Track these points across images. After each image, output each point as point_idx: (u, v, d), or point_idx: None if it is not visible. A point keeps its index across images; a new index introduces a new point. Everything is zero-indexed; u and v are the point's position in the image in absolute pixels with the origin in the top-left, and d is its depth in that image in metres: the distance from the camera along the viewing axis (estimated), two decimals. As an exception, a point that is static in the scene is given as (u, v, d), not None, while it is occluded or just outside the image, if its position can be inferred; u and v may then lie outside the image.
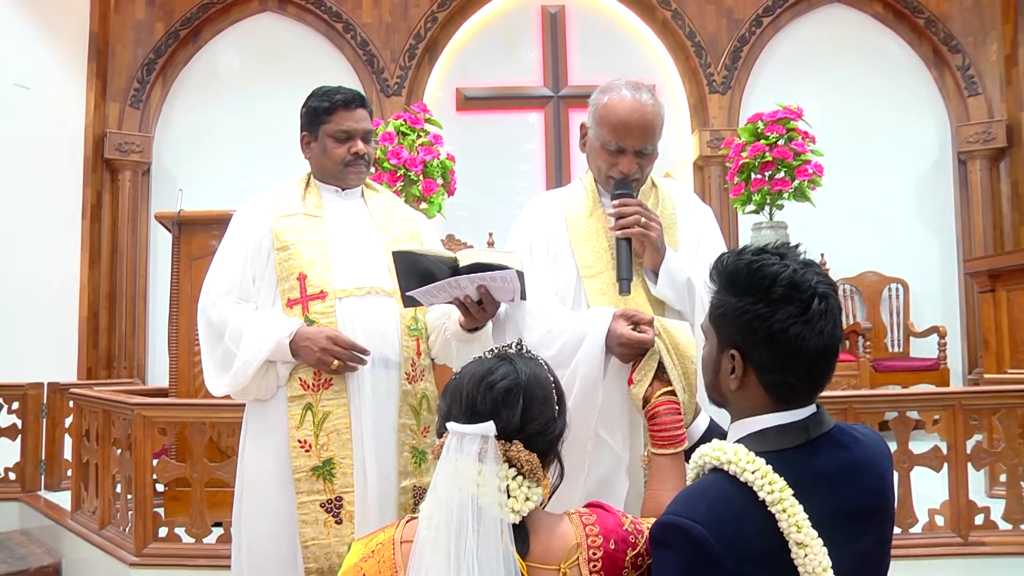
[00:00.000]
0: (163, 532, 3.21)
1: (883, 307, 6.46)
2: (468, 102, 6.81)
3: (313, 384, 1.94)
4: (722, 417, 1.43)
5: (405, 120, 3.87)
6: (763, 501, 1.11)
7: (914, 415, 3.24)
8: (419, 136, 3.84)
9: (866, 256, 6.48)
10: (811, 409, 1.23)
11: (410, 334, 2.03)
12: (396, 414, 1.98)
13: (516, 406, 1.24)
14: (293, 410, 1.94)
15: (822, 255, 6.34)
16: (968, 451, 3.13)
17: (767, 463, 1.14)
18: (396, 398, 1.98)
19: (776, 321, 1.16)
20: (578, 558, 1.21)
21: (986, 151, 6.44)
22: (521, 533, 1.22)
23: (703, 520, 1.10)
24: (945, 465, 3.11)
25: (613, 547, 1.23)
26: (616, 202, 1.87)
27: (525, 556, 1.21)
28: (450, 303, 1.85)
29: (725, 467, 1.16)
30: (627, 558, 1.23)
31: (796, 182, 3.84)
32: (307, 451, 1.92)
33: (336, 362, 1.91)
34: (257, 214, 2.08)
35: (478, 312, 1.81)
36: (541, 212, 2.01)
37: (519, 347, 1.34)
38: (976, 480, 3.25)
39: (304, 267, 1.98)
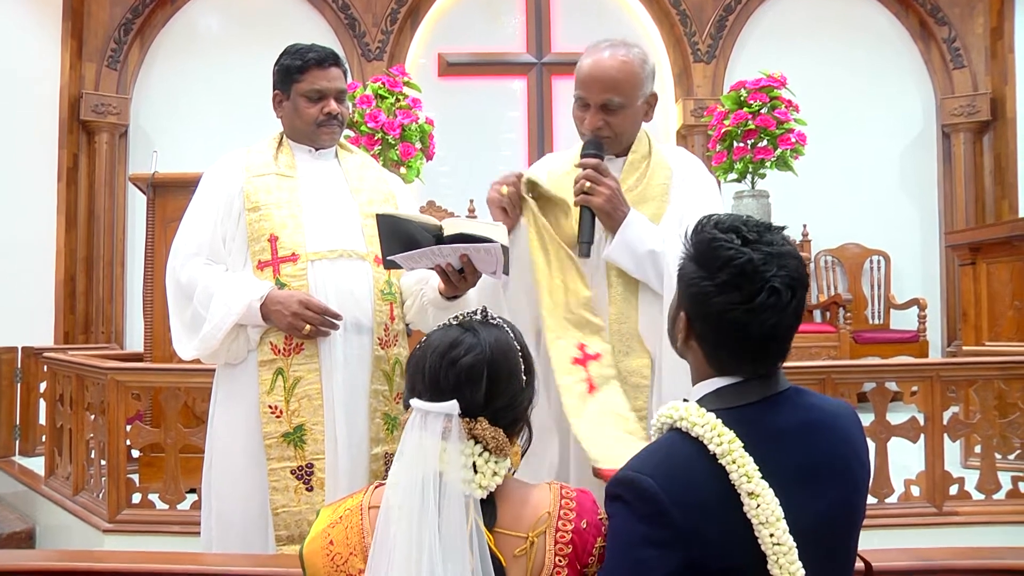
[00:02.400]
0: (137, 498, 3.19)
1: (864, 279, 6.48)
2: (450, 68, 6.72)
3: (284, 349, 1.90)
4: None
5: (383, 83, 3.80)
6: (714, 455, 1.12)
7: (892, 386, 3.26)
8: (397, 100, 3.77)
9: (848, 228, 6.49)
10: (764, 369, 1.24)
11: (383, 298, 1.99)
12: (368, 380, 1.95)
13: (480, 382, 1.20)
14: (263, 375, 1.90)
15: (804, 226, 6.35)
16: (945, 422, 3.16)
17: (720, 418, 1.15)
18: (368, 363, 1.95)
19: (716, 303, 1.17)
20: (546, 528, 1.19)
21: (970, 124, 6.44)
22: (488, 503, 1.20)
23: (653, 473, 1.11)
24: (922, 436, 3.14)
25: (585, 527, 1.20)
26: (578, 163, 1.83)
27: (492, 525, 1.19)
28: (431, 269, 1.81)
29: (678, 424, 1.17)
30: (596, 545, 1.20)
31: (779, 151, 3.82)
32: (278, 417, 1.89)
33: (308, 327, 1.87)
34: (228, 174, 2.03)
35: (459, 281, 1.78)
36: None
37: (484, 314, 1.29)
38: (951, 451, 3.29)
39: (275, 228, 1.94)
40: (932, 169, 6.60)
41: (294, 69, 2.01)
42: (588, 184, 1.78)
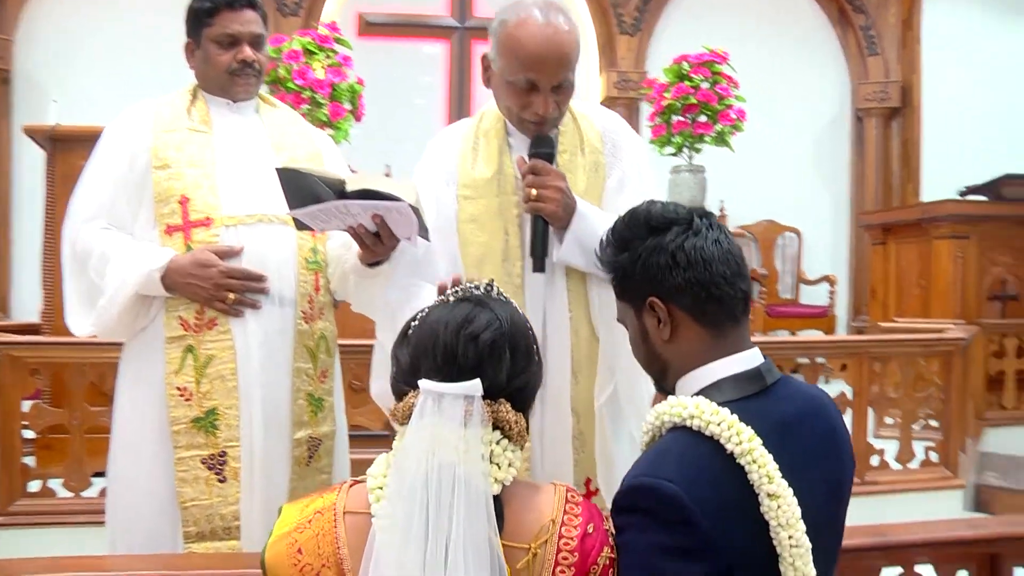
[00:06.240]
0: (35, 486, 2.91)
1: (776, 255, 6.67)
2: (370, 27, 6.47)
3: (195, 324, 1.72)
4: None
5: (313, 38, 3.56)
6: (731, 454, 1.05)
7: (820, 361, 3.35)
8: (328, 56, 3.54)
9: (763, 205, 6.64)
10: (760, 358, 1.19)
11: (308, 267, 1.82)
12: (290, 357, 1.78)
13: (503, 359, 1.06)
14: (171, 353, 1.72)
15: (721, 202, 6.46)
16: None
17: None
18: (291, 339, 1.79)
19: (669, 243, 1.16)
20: (549, 538, 1.06)
21: (881, 110, 6.66)
22: (496, 507, 1.05)
23: (673, 477, 1.02)
24: (848, 410, 3.23)
25: (591, 531, 1.08)
26: (525, 169, 1.64)
27: (500, 533, 1.04)
28: (344, 231, 1.64)
29: (688, 423, 1.08)
30: (601, 556, 1.07)
31: (718, 126, 3.82)
32: (187, 400, 1.71)
33: (232, 296, 1.71)
34: (133, 128, 1.83)
35: (375, 244, 1.61)
36: (437, 163, 1.76)
37: (489, 288, 1.16)
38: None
39: (187, 189, 1.76)
40: (845, 151, 6.81)
41: (203, 12, 1.82)
42: (535, 191, 1.60)
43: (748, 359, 1.17)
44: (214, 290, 1.70)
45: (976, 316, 4.47)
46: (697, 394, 1.13)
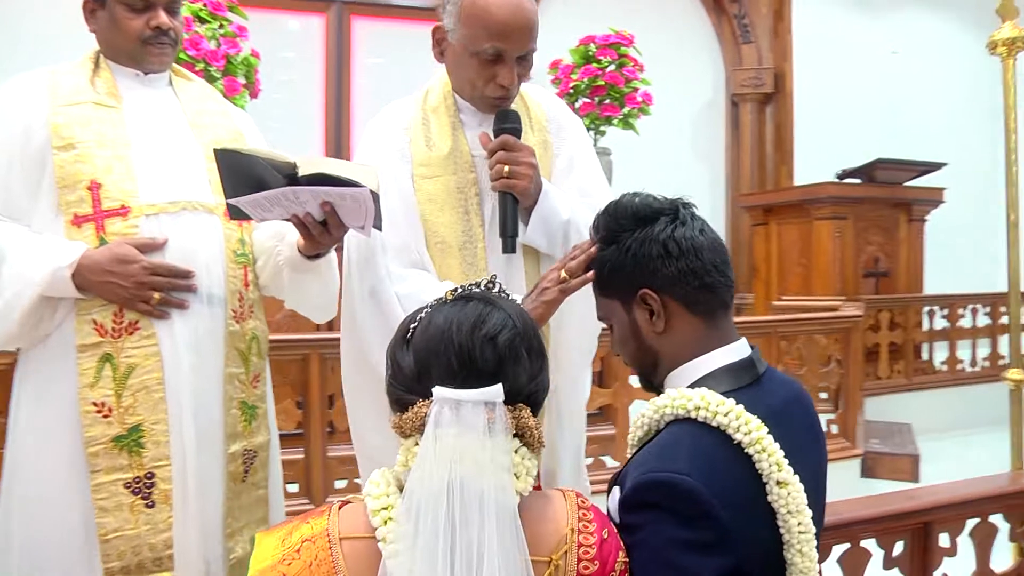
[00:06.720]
0: None
1: (658, 237, 6.83)
2: (245, -1, 6.08)
3: (113, 329, 1.50)
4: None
5: (205, 5, 3.23)
6: (737, 443, 1.05)
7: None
8: (221, 26, 3.24)
9: (642, 187, 6.75)
10: (748, 347, 1.20)
11: (236, 261, 1.63)
12: (222, 362, 1.59)
13: (521, 361, 1.00)
14: (85, 364, 1.49)
15: (604, 185, 6.53)
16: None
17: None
18: (222, 342, 1.60)
19: (659, 233, 1.17)
20: (568, 548, 1.00)
21: (756, 95, 6.94)
22: None
23: (689, 471, 1.01)
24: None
25: (607, 536, 1.03)
26: (491, 146, 1.56)
27: None
28: (287, 220, 1.49)
29: (692, 414, 1.08)
30: (618, 561, 1.02)
31: (625, 109, 3.82)
32: (106, 417, 1.49)
33: (157, 295, 1.49)
34: (24, 99, 1.57)
35: (321, 235, 1.48)
36: (387, 139, 1.64)
37: (491, 285, 1.08)
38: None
39: (97, 173, 1.52)
40: (721, 135, 7.05)
41: None
42: (508, 168, 1.52)
43: (739, 349, 1.17)
44: (136, 289, 1.48)
45: (854, 292, 4.76)
46: (692, 386, 1.13)
